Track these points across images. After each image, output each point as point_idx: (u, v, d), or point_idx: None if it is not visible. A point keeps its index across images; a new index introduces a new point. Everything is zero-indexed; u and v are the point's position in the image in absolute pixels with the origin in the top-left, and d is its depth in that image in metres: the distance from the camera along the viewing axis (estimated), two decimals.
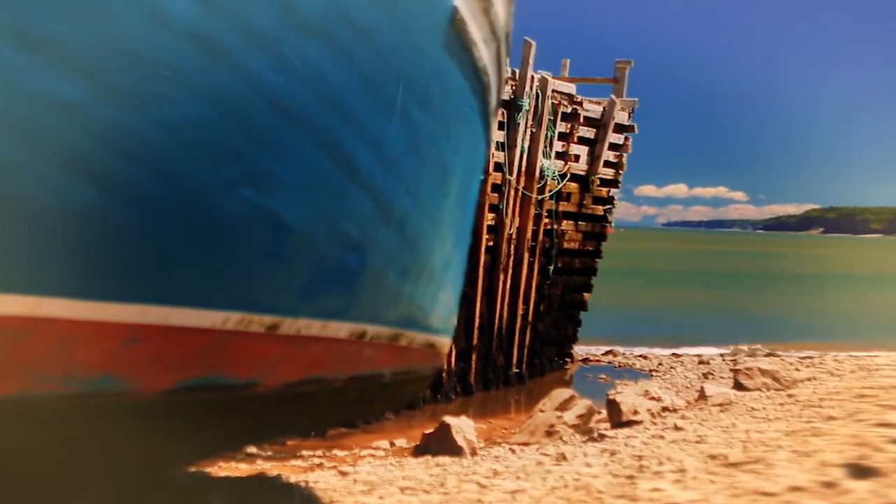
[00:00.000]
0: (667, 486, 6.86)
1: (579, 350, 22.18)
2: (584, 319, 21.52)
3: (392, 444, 12.94)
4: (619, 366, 21.51)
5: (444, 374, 16.41)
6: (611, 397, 12.36)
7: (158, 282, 3.51)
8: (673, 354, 22.92)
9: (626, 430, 11.00)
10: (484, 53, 5.10)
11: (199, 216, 3.53)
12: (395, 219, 4.63)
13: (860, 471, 6.43)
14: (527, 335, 19.02)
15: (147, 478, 4.59)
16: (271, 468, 10.32)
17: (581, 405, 12.00)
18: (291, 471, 9.99)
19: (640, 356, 22.49)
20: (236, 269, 3.78)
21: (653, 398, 12.79)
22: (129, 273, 3.41)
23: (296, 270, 4.07)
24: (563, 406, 11.94)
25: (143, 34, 3.21)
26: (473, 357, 17.30)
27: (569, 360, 21.23)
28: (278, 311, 4.06)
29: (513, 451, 10.84)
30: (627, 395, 12.46)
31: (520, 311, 18.62)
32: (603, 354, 22.67)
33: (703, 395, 12.99)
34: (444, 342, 6.21)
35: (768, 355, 21.37)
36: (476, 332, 17.30)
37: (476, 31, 4.90)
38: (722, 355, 22.49)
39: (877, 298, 46.26)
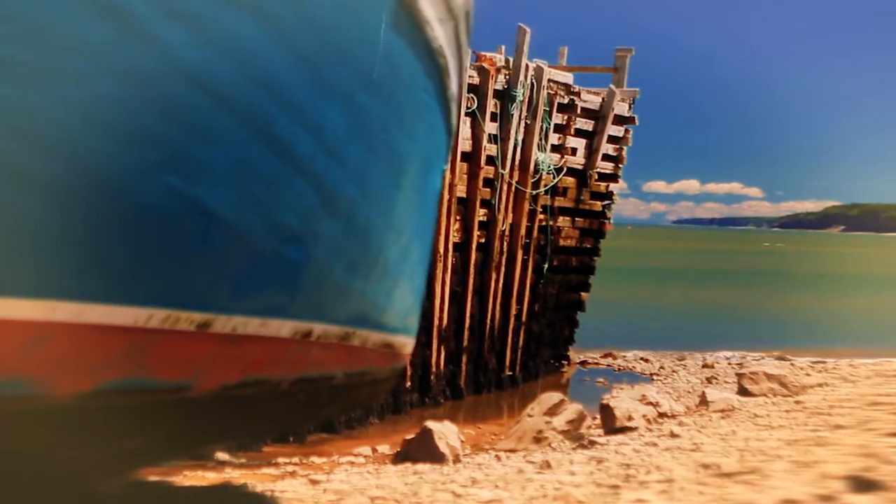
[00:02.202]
0: (651, 497, 6.78)
1: (577, 353, 22.02)
2: (582, 321, 21.37)
3: (374, 450, 12.82)
4: (619, 369, 21.36)
5: (432, 377, 16.31)
6: (604, 402, 12.28)
7: (68, 276, 3.37)
8: (676, 357, 22.74)
9: (618, 437, 10.93)
10: (439, 33, 4.95)
11: (114, 204, 3.39)
12: (340, 209, 4.49)
13: (863, 484, 6.34)
14: (520, 336, 18.87)
15: (72, 489, 4.46)
16: (240, 476, 10.20)
17: (571, 410, 11.86)
18: (261, 479, 9.88)
19: (642, 359, 22.33)
20: (159, 262, 3.64)
21: (650, 403, 12.73)
22: (33, 267, 3.27)
23: (228, 264, 3.93)
24: (553, 411, 11.80)
25: (45, 2, 3.07)
26: (464, 359, 17.16)
27: (565, 362, 21.08)
28: (210, 308, 3.93)
29: (498, 459, 10.73)
30: (622, 400, 12.39)
31: (513, 312, 18.47)
32: (602, 357, 22.50)
33: (704, 401, 12.94)
34: (404, 342, 6.07)
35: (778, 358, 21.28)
36: (467, 332, 17.15)
37: (429, 9, 4.76)
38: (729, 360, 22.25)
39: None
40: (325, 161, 4.22)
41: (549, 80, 18.39)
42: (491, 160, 17.13)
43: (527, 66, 17.56)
